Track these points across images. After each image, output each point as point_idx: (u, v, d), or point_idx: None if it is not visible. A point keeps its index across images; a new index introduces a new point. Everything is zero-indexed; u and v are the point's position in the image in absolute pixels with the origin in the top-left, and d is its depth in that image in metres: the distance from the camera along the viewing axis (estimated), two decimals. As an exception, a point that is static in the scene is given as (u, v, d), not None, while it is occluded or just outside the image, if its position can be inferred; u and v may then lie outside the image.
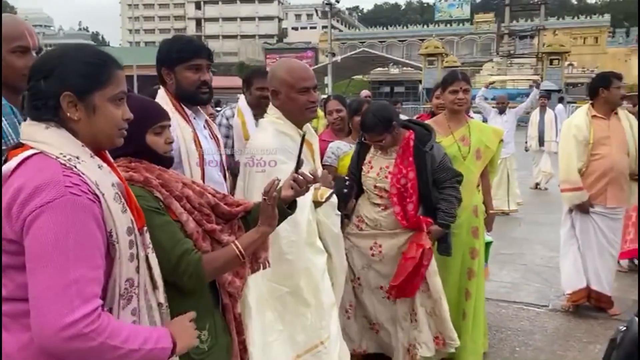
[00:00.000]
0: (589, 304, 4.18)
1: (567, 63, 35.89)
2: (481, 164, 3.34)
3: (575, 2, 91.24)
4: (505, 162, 7.69)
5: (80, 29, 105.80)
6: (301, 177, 1.67)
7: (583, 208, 3.99)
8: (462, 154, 3.27)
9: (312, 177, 1.69)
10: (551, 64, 32.31)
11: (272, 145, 2.17)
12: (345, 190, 2.85)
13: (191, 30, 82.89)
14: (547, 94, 12.84)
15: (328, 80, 33.77)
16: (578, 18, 59.26)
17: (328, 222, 2.38)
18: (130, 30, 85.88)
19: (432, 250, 2.90)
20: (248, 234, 1.65)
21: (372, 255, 2.97)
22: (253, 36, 79.91)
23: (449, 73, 3.47)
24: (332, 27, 41.97)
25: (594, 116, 4.05)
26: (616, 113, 4.08)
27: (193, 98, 2.22)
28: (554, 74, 31.32)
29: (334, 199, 2.42)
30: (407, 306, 2.97)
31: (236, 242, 1.60)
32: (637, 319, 1.61)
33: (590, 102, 4.16)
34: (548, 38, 36.37)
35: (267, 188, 1.58)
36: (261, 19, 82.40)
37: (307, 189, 1.71)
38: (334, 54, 37.41)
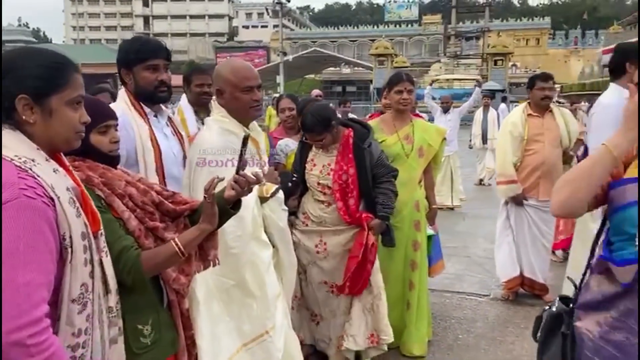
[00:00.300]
0: (526, 292, 4.43)
1: (510, 63, 37.14)
2: (423, 162, 3.48)
3: (518, 5, 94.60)
4: (448, 159, 7.99)
5: (20, 25, 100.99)
6: (242, 179, 1.69)
7: (517, 200, 4.23)
8: (406, 152, 3.40)
9: (254, 178, 1.72)
10: (495, 64, 33.33)
11: (217, 143, 2.20)
12: (290, 184, 2.93)
13: (139, 27, 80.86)
14: (491, 94, 13.34)
15: (280, 79, 33.73)
16: (521, 20, 61.46)
17: (274, 216, 2.43)
18: (74, 27, 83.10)
19: (376, 246, 3.02)
20: (189, 231, 1.67)
21: (317, 252, 3.07)
22: (203, 34, 78.64)
23: (394, 74, 3.61)
24: (284, 26, 41.93)
25: (529, 114, 4.29)
26: (551, 111, 4.33)
27: (152, 97, 2.32)
28: (498, 74, 32.33)
29: (281, 194, 2.49)
30: (348, 301, 3.09)
31: (176, 239, 1.61)
32: (558, 299, 1.77)
33: (528, 101, 4.42)
34: (492, 39, 37.60)
35: (207, 186, 1.60)
36: (211, 17, 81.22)
37: (250, 190, 1.74)
38: (285, 53, 37.39)
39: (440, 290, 4.62)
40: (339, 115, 5.95)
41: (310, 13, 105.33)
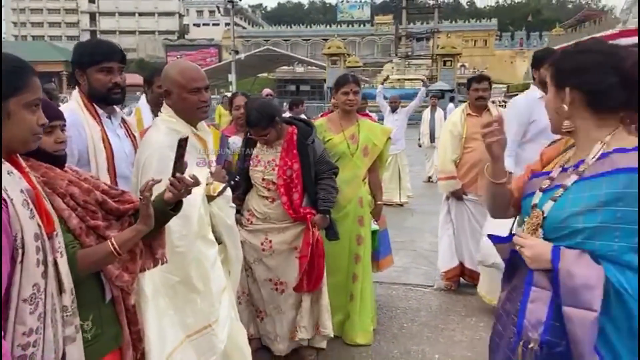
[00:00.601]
0: (468, 283, 4.66)
1: (459, 64, 38.12)
2: (368, 161, 3.62)
3: (466, 7, 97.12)
4: (396, 157, 8.25)
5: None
6: (177, 182, 1.73)
7: (457, 195, 4.46)
8: (351, 150, 3.54)
9: (192, 180, 1.76)
10: (445, 64, 34.19)
11: (164, 143, 2.23)
12: (232, 183, 3.02)
13: (85, 24, 78.34)
14: (439, 94, 13.77)
15: (232, 77, 33.47)
16: (469, 22, 63.18)
17: (222, 214, 2.49)
18: (15, 23, 79.55)
19: (321, 241, 3.14)
20: (125, 231, 1.70)
21: (263, 250, 3.15)
22: (153, 32, 76.86)
23: (341, 76, 3.74)
24: (236, 24, 41.64)
25: (468, 114, 4.53)
26: (489, 110, 4.57)
27: (105, 99, 2.37)
28: (447, 75, 33.17)
29: (228, 192, 2.56)
30: (298, 296, 3.21)
31: (112, 238, 1.65)
32: None
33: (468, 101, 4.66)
34: (442, 40, 38.53)
35: (142, 188, 1.64)
36: (161, 14, 79.48)
37: (188, 192, 1.78)
38: (237, 52, 37.11)
39: (388, 282, 4.79)
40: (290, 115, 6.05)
41: (263, 11, 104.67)
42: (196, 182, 1.79)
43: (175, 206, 1.82)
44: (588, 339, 1.33)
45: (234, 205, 2.68)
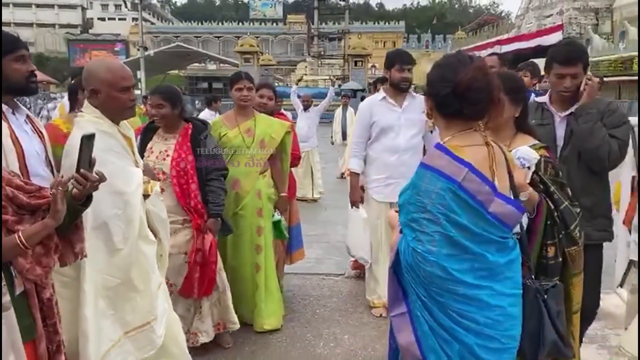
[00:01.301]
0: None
1: (370, 65, 39.24)
2: (265, 153, 3.75)
3: (376, 9, 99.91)
4: (308, 155, 8.53)
5: None
6: (81, 177, 1.79)
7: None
8: (247, 143, 3.68)
9: (97, 177, 1.81)
10: (356, 65, 35.05)
11: (98, 146, 2.05)
12: None
13: (-26, 14, 72.05)
14: (352, 93, 14.20)
15: (141, 74, 32.28)
16: (378, 23, 65.20)
17: (156, 209, 2.54)
18: None
19: (215, 246, 3.28)
20: (34, 225, 1.75)
21: None
22: (52, 25, 72.20)
23: (234, 73, 3.89)
24: (144, 19, 40.14)
25: (374, 113, 4.84)
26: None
27: (23, 90, 2.23)
28: (358, 74, 34.05)
29: (157, 187, 2.61)
30: (191, 300, 3.33)
31: (20, 232, 1.70)
32: None
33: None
34: (353, 41, 39.42)
35: (52, 184, 1.71)
36: (61, 6, 74.61)
37: (95, 188, 1.84)
38: (146, 48, 35.83)
39: (302, 273, 5.02)
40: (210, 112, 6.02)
41: (172, 7, 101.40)
42: (102, 179, 1.84)
43: (85, 201, 1.87)
44: (389, 289, 1.79)
45: (162, 198, 2.76)
